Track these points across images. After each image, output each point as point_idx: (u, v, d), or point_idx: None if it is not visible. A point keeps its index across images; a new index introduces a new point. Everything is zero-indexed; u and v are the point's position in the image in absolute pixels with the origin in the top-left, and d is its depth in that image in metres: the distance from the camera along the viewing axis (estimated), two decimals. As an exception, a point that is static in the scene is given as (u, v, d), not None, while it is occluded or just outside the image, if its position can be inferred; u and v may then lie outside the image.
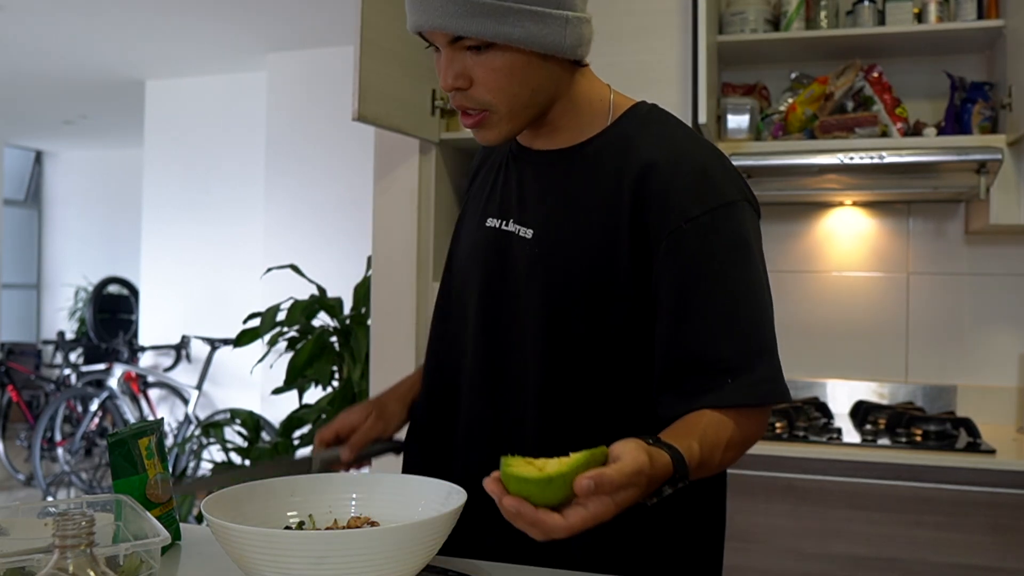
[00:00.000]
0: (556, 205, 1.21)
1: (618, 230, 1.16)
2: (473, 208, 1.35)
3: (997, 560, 2.26)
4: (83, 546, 0.80)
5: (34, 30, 5.01)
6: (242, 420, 3.74)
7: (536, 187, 1.25)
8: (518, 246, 1.23)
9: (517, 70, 1.13)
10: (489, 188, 1.33)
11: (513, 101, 1.15)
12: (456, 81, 1.13)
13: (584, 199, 1.20)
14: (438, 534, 1.01)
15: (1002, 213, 2.53)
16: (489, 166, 1.37)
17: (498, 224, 1.27)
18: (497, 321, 1.25)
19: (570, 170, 1.22)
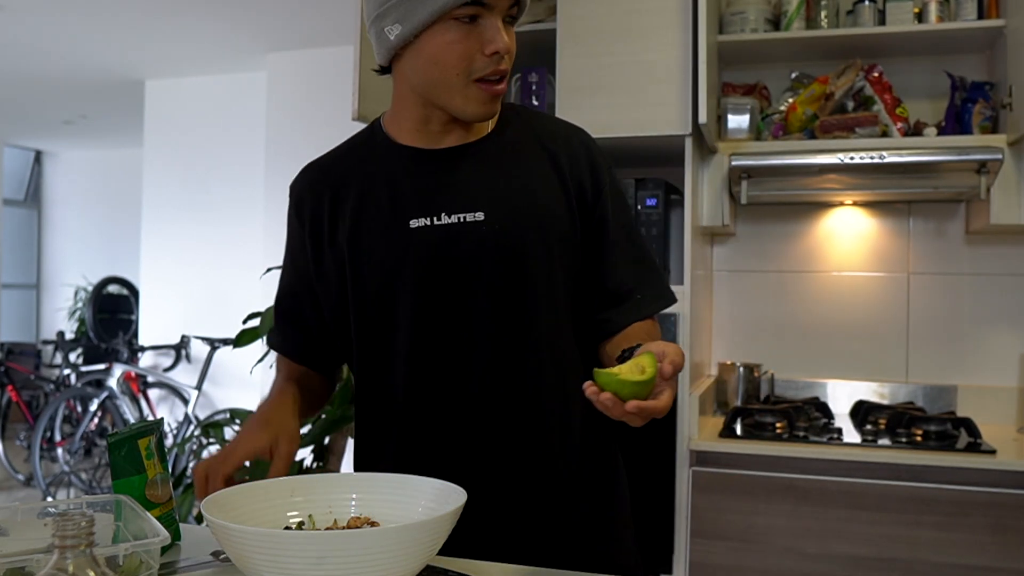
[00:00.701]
0: (497, 187, 1.33)
1: (560, 196, 1.34)
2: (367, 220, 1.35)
3: (997, 560, 2.26)
4: (83, 546, 0.79)
5: (34, 30, 5.00)
6: (242, 420, 3.73)
7: (464, 177, 1.33)
8: (468, 231, 1.31)
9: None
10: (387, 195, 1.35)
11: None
12: (510, 45, 1.26)
13: (521, 176, 1.34)
14: (438, 534, 1.00)
15: (1002, 213, 2.53)
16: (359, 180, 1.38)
17: (428, 222, 1.32)
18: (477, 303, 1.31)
19: (494, 155, 1.35)
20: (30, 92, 6.52)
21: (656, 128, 2.60)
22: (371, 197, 1.36)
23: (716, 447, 2.48)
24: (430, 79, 1.27)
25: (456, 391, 1.33)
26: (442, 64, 1.25)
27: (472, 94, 1.26)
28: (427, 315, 1.32)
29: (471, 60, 1.24)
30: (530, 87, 2.89)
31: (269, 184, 5.40)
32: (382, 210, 1.34)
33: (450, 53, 1.24)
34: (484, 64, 1.25)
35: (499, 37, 1.23)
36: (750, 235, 3.09)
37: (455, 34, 1.23)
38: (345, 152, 1.45)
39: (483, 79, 1.26)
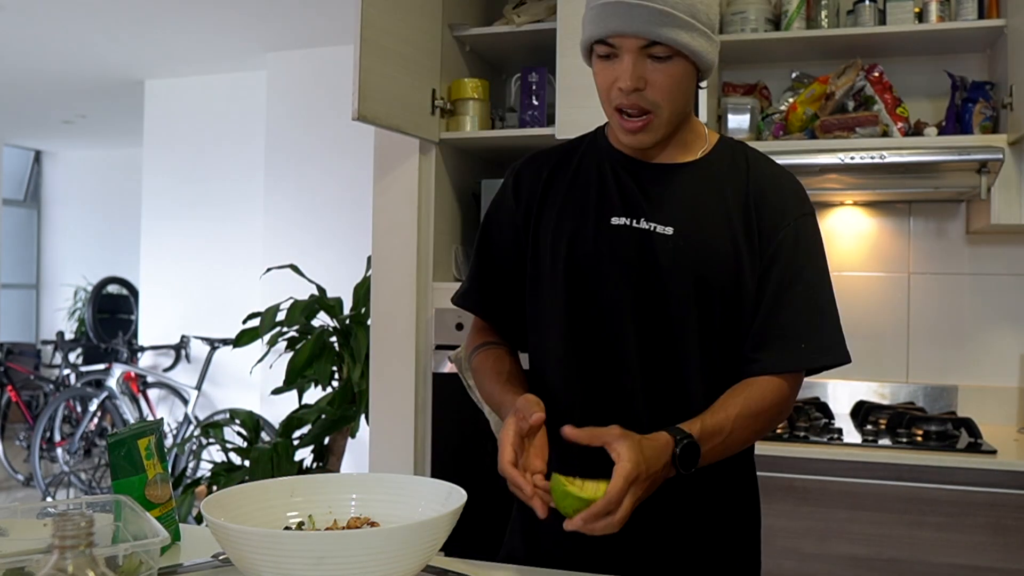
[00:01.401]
0: (689, 207, 1.40)
1: (738, 231, 1.39)
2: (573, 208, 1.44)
3: (998, 561, 2.26)
4: (82, 546, 0.80)
5: (33, 30, 5.00)
6: (241, 420, 3.73)
7: (664, 192, 1.41)
8: (657, 241, 1.38)
9: (685, 80, 1.35)
10: (595, 191, 1.44)
11: (675, 108, 1.35)
12: (638, 82, 1.30)
13: (711, 204, 1.40)
14: (438, 534, 1.00)
15: (1003, 213, 2.53)
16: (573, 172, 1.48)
17: (628, 222, 1.40)
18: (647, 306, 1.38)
19: (695, 180, 1.42)
20: (30, 92, 6.52)
21: (656, 128, 2.59)
22: (580, 191, 1.45)
23: (716, 447, 2.47)
24: (602, 104, 1.39)
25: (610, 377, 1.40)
26: (598, 88, 1.37)
27: (615, 122, 1.37)
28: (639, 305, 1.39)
29: (609, 90, 1.34)
30: (530, 87, 2.89)
31: (269, 184, 5.40)
32: (589, 203, 1.43)
33: (598, 83, 1.36)
34: (617, 96, 1.33)
35: (625, 74, 1.30)
36: (750, 235, 3.09)
37: (599, 64, 1.35)
38: (569, 148, 1.54)
39: (619, 110, 1.34)
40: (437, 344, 2.78)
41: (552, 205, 1.47)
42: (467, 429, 2.72)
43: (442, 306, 2.78)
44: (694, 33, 1.31)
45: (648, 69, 1.31)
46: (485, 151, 3.09)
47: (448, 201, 2.91)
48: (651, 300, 1.38)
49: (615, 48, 1.31)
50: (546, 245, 1.45)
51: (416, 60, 2.63)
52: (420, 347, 2.79)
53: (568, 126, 2.67)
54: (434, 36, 2.76)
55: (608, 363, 1.39)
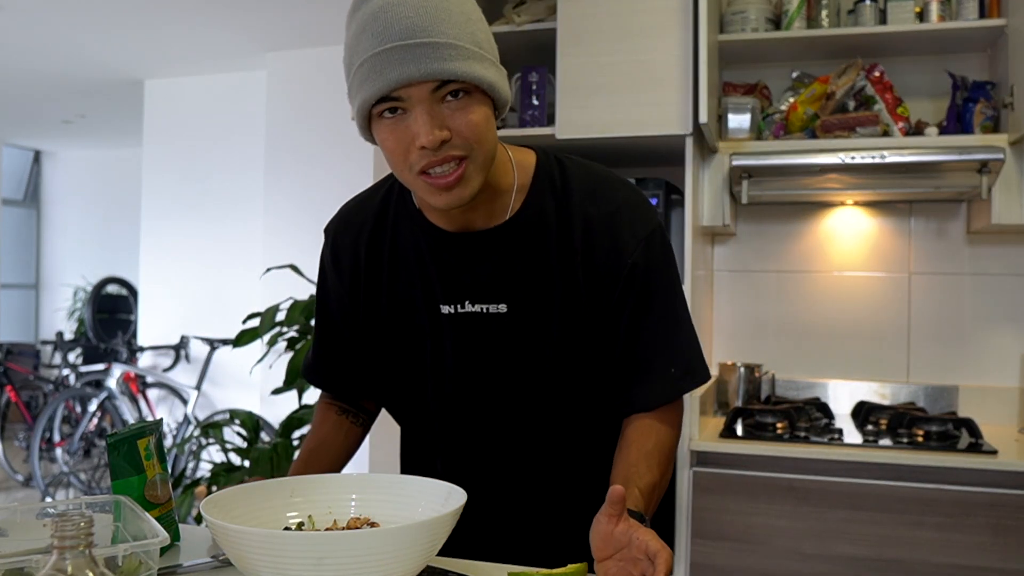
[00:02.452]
0: (518, 277, 1.29)
1: (577, 284, 1.28)
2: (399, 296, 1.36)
3: (999, 561, 2.25)
4: (82, 547, 0.79)
5: (33, 29, 5.00)
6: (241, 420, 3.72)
7: (487, 266, 1.30)
8: (489, 323, 1.30)
9: (487, 119, 1.17)
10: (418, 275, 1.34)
11: (488, 150, 1.18)
12: (442, 132, 1.12)
13: (539, 267, 1.29)
14: (438, 535, 1.00)
15: (1004, 213, 2.53)
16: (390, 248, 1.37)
17: (453, 309, 1.31)
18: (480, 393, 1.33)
19: (516, 242, 1.29)
20: (29, 92, 6.51)
21: (656, 128, 2.59)
22: (403, 273, 1.35)
23: (717, 448, 2.47)
24: (397, 175, 1.22)
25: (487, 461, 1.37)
26: (390, 159, 1.19)
27: (422, 187, 1.18)
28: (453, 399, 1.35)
29: (407, 154, 1.15)
30: (530, 87, 2.88)
31: (269, 184, 5.40)
32: (414, 290, 1.34)
33: (389, 149, 1.17)
34: (420, 157, 1.14)
35: (423, 128, 1.11)
36: (751, 235, 3.09)
37: (386, 131, 1.16)
38: (378, 207, 1.40)
39: (424, 172, 1.15)
40: (437, 344, 2.77)
41: (376, 287, 1.37)
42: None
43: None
44: (485, 63, 1.15)
45: (446, 115, 1.13)
46: (485, 151, 3.08)
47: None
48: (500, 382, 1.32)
49: (402, 102, 1.12)
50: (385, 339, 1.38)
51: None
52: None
53: (568, 126, 2.67)
54: (434, 36, 2.75)
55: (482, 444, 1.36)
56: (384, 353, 1.39)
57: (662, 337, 1.31)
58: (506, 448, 1.36)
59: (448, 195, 1.17)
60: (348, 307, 1.41)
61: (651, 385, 1.30)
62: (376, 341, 1.39)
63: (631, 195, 1.32)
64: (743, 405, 2.83)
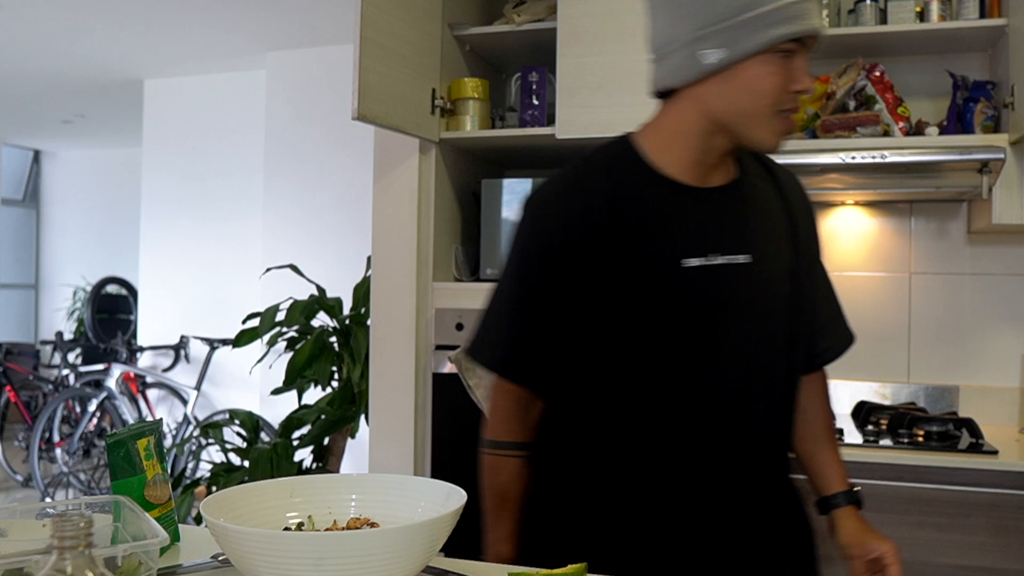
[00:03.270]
0: (758, 228, 1.38)
1: (791, 238, 1.41)
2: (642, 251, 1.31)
3: (999, 561, 2.25)
4: (81, 547, 0.79)
5: (32, 29, 5.00)
6: (241, 421, 3.72)
7: (733, 217, 1.36)
8: (736, 274, 1.33)
9: None
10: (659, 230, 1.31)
11: None
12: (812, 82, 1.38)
13: (771, 220, 1.40)
14: (438, 535, 1.00)
15: (1005, 213, 2.52)
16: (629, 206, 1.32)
17: (702, 262, 1.31)
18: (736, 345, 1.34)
19: (744, 201, 1.39)
20: (28, 91, 6.51)
21: (657, 127, 2.58)
22: (639, 232, 1.31)
23: (717, 447, 2.47)
24: (741, 107, 1.27)
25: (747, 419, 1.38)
26: (759, 94, 1.26)
27: (775, 126, 1.29)
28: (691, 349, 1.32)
29: (779, 93, 1.27)
30: (530, 86, 2.88)
31: (268, 184, 5.39)
32: (652, 246, 1.31)
33: (768, 84, 1.25)
34: (789, 99, 1.28)
35: (806, 77, 1.28)
36: (751, 235, 3.08)
37: (775, 66, 1.25)
38: (606, 170, 1.36)
39: (784, 112, 1.29)
40: (437, 344, 2.77)
41: (606, 253, 1.31)
42: (467, 429, 2.70)
43: (442, 306, 2.77)
44: None
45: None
46: (485, 151, 3.08)
47: (448, 201, 2.91)
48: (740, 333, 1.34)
49: (803, 47, 1.27)
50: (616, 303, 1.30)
51: (416, 59, 2.62)
52: (420, 347, 2.79)
53: (568, 126, 2.67)
54: (434, 35, 2.75)
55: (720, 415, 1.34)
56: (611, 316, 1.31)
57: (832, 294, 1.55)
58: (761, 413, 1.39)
59: (781, 137, 1.31)
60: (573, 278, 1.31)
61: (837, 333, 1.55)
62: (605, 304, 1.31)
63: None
64: (743, 405, 2.82)
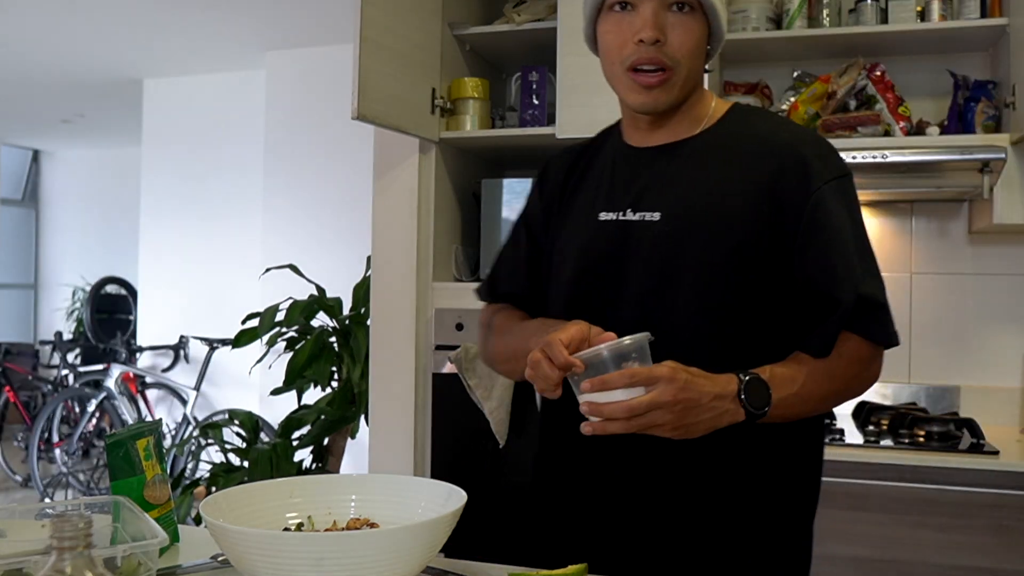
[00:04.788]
0: (684, 188, 1.32)
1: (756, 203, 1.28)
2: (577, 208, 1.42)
3: (1000, 562, 2.25)
4: (81, 548, 0.79)
5: (32, 29, 4.99)
6: (240, 421, 3.72)
7: (659, 176, 1.34)
8: (642, 230, 1.31)
9: (701, 40, 1.29)
10: (595, 187, 1.41)
11: (692, 67, 1.29)
12: (659, 33, 1.24)
13: (709, 179, 1.31)
14: (438, 536, 1.00)
15: (1006, 213, 2.52)
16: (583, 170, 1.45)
17: (614, 216, 1.35)
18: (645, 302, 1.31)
19: (693, 155, 1.34)
20: (28, 91, 6.51)
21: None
22: (586, 189, 1.42)
23: (718, 448, 2.46)
24: (606, 72, 1.33)
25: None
26: (605, 54, 1.31)
27: (628, 83, 1.29)
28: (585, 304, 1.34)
29: (623, 48, 1.27)
30: (530, 86, 2.88)
31: (268, 183, 5.39)
32: (587, 202, 1.40)
33: (608, 42, 1.29)
34: (633, 51, 1.26)
35: (646, 25, 1.24)
36: (751, 235, 3.08)
37: (611, 23, 1.29)
38: (590, 143, 1.50)
39: (634, 68, 1.27)
40: (437, 344, 2.77)
41: (566, 204, 1.44)
42: (467, 429, 2.71)
43: (442, 306, 2.77)
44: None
45: (668, 22, 1.26)
46: (485, 150, 3.08)
47: (448, 201, 2.90)
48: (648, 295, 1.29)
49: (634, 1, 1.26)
50: (557, 247, 1.42)
51: (416, 59, 2.62)
52: (420, 347, 2.78)
53: (568, 125, 2.66)
54: (434, 35, 2.75)
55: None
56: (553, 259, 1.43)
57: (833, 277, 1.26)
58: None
59: (647, 95, 1.28)
60: (542, 225, 1.47)
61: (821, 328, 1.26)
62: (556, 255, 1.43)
63: (825, 142, 1.36)
64: (744, 405, 2.81)
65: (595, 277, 1.35)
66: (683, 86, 1.29)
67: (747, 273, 1.27)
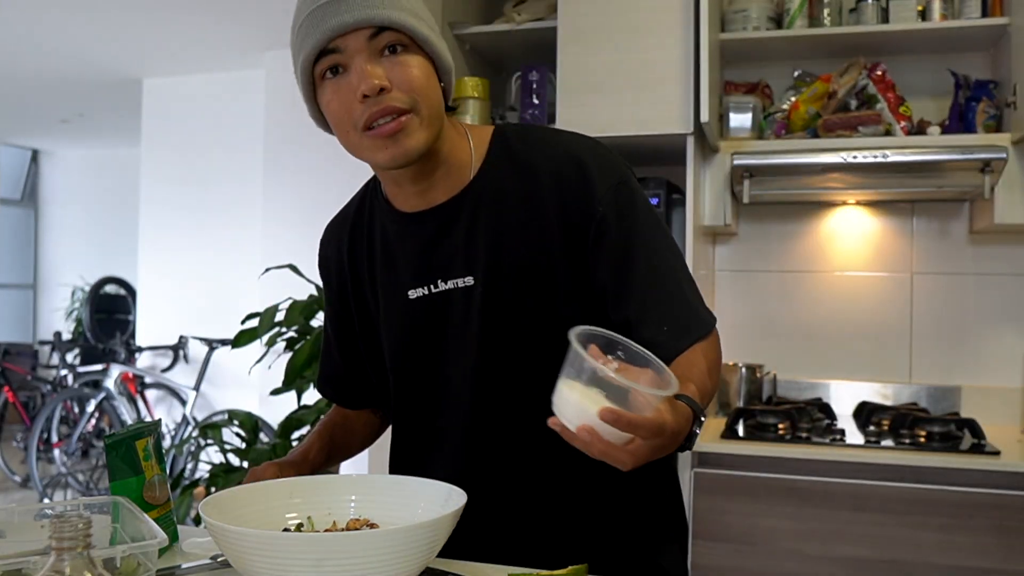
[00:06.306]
0: (480, 246, 1.25)
1: (552, 244, 1.24)
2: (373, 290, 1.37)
3: (1001, 562, 2.25)
4: (80, 548, 0.79)
5: (30, 28, 4.99)
6: (240, 421, 3.72)
7: (450, 241, 1.27)
8: (460, 297, 1.27)
9: (430, 75, 1.18)
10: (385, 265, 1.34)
11: (432, 106, 1.18)
12: (380, 80, 1.13)
13: (504, 229, 1.25)
14: (437, 536, 0.99)
15: (1006, 212, 2.52)
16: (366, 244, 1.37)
17: (425, 291, 1.29)
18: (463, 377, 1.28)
19: (475, 209, 1.26)
20: (27, 90, 6.50)
21: (657, 127, 2.58)
22: (377, 264, 1.35)
23: (718, 448, 2.46)
24: (345, 145, 1.22)
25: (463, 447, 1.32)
26: (337, 125, 1.20)
27: (368, 145, 1.18)
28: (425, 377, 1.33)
29: (351, 111, 1.16)
30: (530, 85, 2.87)
31: (268, 183, 5.39)
32: (387, 279, 1.34)
33: (334, 112, 1.18)
34: (361, 110, 1.15)
35: (367, 75, 1.13)
36: (752, 235, 3.08)
37: (329, 93, 1.17)
38: (356, 209, 1.42)
39: (368, 126, 1.16)
40: (437, 344, 2.76)
41: (359, 286, 1.39)
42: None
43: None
44: (420, 23, 1.16)
45: (385, 67, 1.15)
46: (485, 150, 3.07)
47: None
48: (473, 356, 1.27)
49: (341, 55, 1.14)
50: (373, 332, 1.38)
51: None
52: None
53: (568, 125, 2.66)
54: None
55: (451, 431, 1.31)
56: (374, 350, 1.40)
57: (647, 292, 1.21)
58: (499, 438, 1.29)
59: (393, 147, 1.16)
60: (342, 315, 1.43)
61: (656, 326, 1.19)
62: (367, 340, 1.40)
63: (598, 147, 1.29)
64: (744, 406, 2.82)
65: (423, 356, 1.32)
66: (428, 126, 1.18)
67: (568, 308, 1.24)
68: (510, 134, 1.31)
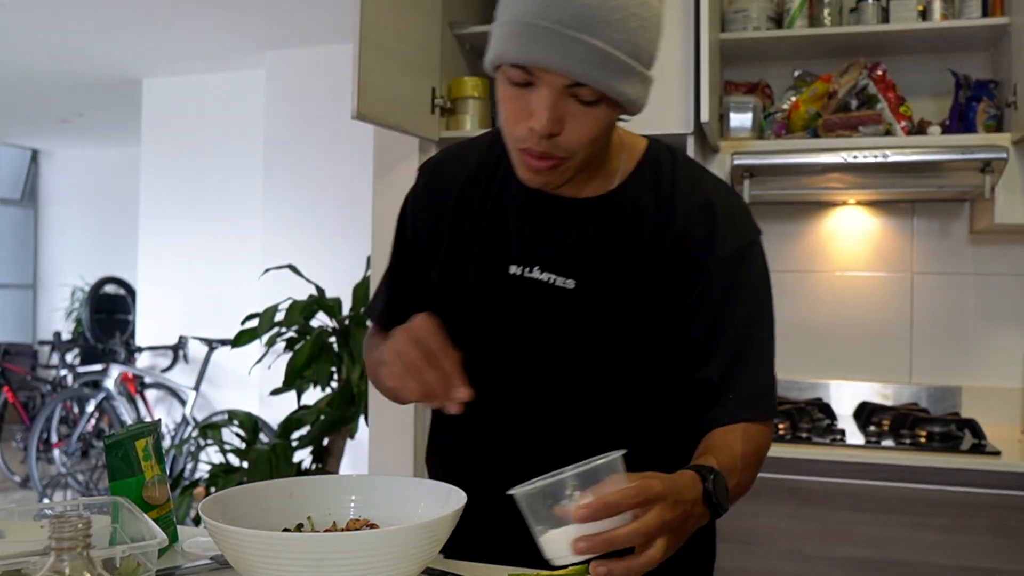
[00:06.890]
0: (596, 255, 1.24)
1: (659, 277, 1.22)
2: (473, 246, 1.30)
3: (1002, 562, 2.24)
4: (79, 548, 0.79)
5: (30, 28, 4.99)
6: (240, 421, 3.72)
7: (570, 235, 1.25)
8: (554, 296, 1.24)
9: (606, 127, 1.15)
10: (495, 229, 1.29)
11: (592, 153, 1.17)
12: (554, 127, 1.10)
13: (623, 249, 1.24)
14: (437, 536, 0.99)
15: (1007, 212, 2.52)
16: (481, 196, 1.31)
17: (521, 271, 1.26)
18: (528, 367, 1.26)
19: (605, 219, 1.25)
20: (26, 90, 6.50)
21: (658, 127, 2.57)
22: (489, 224, 1.29)
23: (718, 448, 2.46)
24: (502, 130, 1.19)
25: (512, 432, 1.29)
26: (500, 114, 1.17)
27: (517, 159, 1.17)
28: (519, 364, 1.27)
29: (515, 125, 1.13)
30: (531, 85, 2.87)
31: (267, 183, 5.39)
32: (486, 245, 1.29)
33: (502, 109, 1.15)
34: (523, 135, 1.12)
35: (541, 112, 1.08)
36: (752, 235, 3.07)
37: (507, 93, 1.13)
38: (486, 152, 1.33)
39: (524, 149, 1.14)
40: (437, 344, 2.76)
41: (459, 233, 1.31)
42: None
43: (442, 306, 2.76)
44: (632, 80, 1.10)
45: (569, 110, 1.10)
46: (485, 150, 3.07)
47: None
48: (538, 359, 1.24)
49: (533, 75, 1.09)
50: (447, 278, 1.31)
51: (416, 58, 2.61)
52: (420, 347, 2.77)
53: (569, 125, 2.65)
54: (434, 34, 2.74)
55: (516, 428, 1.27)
56: (448, 301, 1.31)
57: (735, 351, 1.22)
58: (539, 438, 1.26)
59: (536, 176, 1.16)
60: (427, 247, 1.34)
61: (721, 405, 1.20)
62: (446, 287, 1.32)
63: (736, 200, 1.30)
64: (744, 406, 2.81)
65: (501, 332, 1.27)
66: (577, 170, 1.18)
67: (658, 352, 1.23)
68: (663, 159, 1.29)
